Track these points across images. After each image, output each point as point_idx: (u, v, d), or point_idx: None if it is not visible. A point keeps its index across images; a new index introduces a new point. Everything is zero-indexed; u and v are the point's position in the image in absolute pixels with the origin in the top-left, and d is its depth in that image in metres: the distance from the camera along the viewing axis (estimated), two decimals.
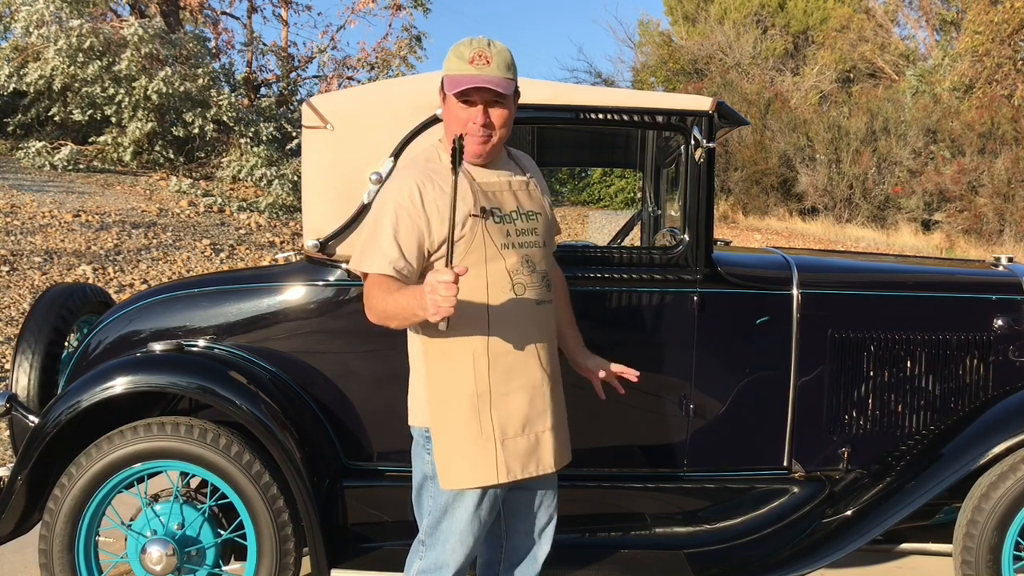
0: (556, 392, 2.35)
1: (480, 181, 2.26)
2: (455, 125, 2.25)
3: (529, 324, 2.27)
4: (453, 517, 2.29)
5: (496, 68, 2.20)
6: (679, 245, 2.98)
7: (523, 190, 2.34)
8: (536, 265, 2.29)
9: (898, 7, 28.45)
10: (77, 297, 3.46)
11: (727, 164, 22.43)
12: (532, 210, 2.33)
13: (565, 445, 2.39)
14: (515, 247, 2.26)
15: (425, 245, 2.22)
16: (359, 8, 17.53)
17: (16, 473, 2.84)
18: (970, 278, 3.41)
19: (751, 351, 3.06)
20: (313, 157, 2.98)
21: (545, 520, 2.46)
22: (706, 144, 2.91)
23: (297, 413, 2.91)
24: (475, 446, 2.22)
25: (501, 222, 2.25)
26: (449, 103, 2.25)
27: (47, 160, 13.41)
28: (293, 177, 13.80)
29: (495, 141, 2.27)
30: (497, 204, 2.26)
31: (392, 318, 2.17)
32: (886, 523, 2.83)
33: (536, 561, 2.48)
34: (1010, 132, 19.82)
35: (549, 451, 2.29)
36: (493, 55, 2.20)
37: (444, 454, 2.25)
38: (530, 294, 2.27)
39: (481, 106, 2.21)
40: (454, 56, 2.23)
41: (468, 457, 2.23)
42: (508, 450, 2.23)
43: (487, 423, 2.22)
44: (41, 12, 13.55)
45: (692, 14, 31.45)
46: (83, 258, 9.12)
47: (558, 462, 2.33)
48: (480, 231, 2.21)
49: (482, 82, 2.18)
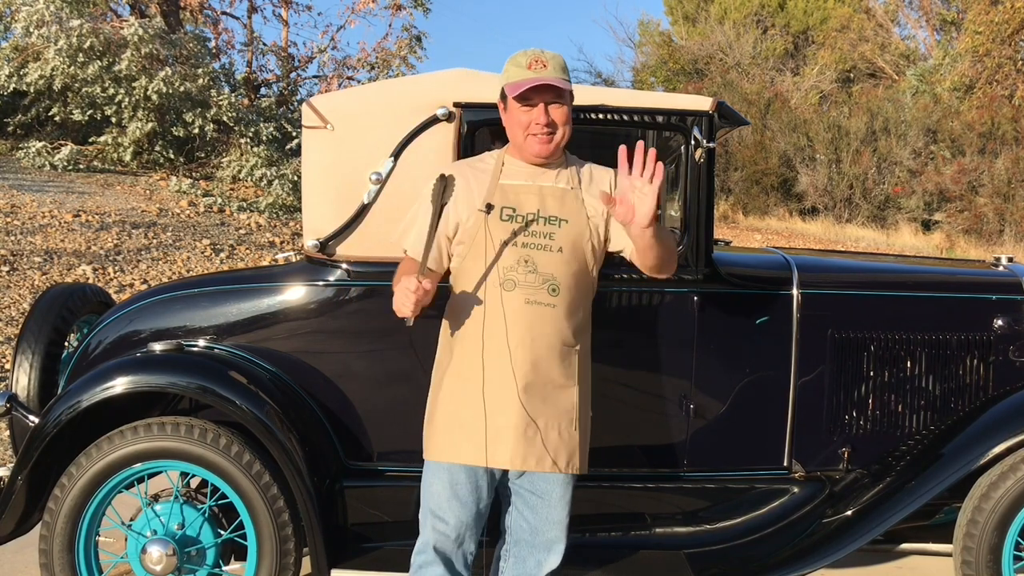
0: (541, 394, 2.34)
1: (505, 182, 2.40)
2: (518, 129, 2.38)
3: (514, 320, 2.33)
4: (429, 491, 2.44)
5: (553, 70, 2.34)
6: (679, 245, 2.98)
7: (556, 196, 2.41)
8: (539, 267, 2.34)
9: (898, 7, 28.45)
10: (77, 297, 3.46)
11: (727, 164, 22.43)
12: (557, 216, 2.39)
13: (551, 451, 2.33)
14: (516, 245, 2.35)
15: (441, 231, 2.40)
16: (359, 8, 17.52)
17: (16, 473, 2.84)
18: (970, 278, 3.42)
19: (751, 351, 3.06)
20: (313, 157, 2.98)
21: (552, 537, 2.44)
22: (706, 144, 2.91)
23: (297, 413, 2.91)
24: (441, 421, 2.41)
25: (509, 220, 2.36)
26: (511, 110, 2.39)
27: (47, 160, 13.41)
28: (293, 177, 13.79)
29: (558, 139, 2.39)
30: (513, 204, 2.38)
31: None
32: (886, 523, 2.83)
33: (541, 569, 2.47)
34: (1010, 132, 19.82)
35: (507, 446, 2.31)
36: (548, 59, 2.36)
37: (426, 426, 2.47)
38: (521, 292, 2.33)
39: (542, 106, 2.34)
40: (512, 65, 2.38)
41: (435, 430, 2.42)
42: (465, 433, 2.34)
43: (450, 403, 2.39)
44: (41, 12, 13.54)
45: (692, 14, 31.45)
46: (83, 258, 9.13)
47: (517, 462, 2.32)
48: (483, 225, 2.35)
49: (542, 80, 2.31)
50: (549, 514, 2.43)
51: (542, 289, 2.34)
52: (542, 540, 2.45)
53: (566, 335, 2.38)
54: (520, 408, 2.31)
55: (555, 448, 2.35)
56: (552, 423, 2.35)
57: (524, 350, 2.33)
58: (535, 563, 2.48)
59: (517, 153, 2.45)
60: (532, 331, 2.34)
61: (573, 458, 2.38)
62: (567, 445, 2.37)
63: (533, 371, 2.34)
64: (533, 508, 2.43)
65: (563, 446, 2.36)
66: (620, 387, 2.98)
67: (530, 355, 2.34)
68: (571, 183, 2.45)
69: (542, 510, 2.42)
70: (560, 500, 2.43)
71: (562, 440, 2.36)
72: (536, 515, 2.43)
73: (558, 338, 2.37)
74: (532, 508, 2.43)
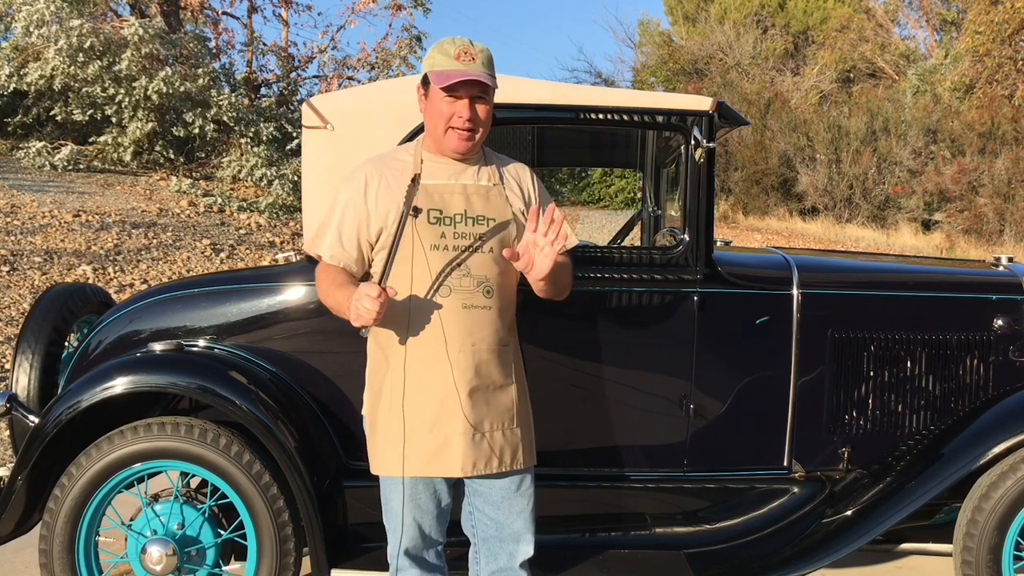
0: (484, 397, 2.32)
1: (428, 182, 2.33)
2: (439, 120, 2.30)
3: (452, 326, 2.28)
4: (389, 503, 2.41)
5: (481, 65, 2.28)
6: (679, 245, 2.98)
7: (480, 195, 2.36)
8: (472, 270, 2.31)
9: (898, 7, 28.46)
10: (77, 297, 3.45)
11: (727, 164, 22.45)
12: (483, 215, 2.34)
13: (500, 452, 2.34)
14: (447, 249, 2.30)
15: (364, 237, 2.34)
16: (359, 8, 17.55)
17: (16, 473, 2.84)
18: (970, 278, 3.41)
19: (751, 351, 3.05)
20: (313, 157, 2.98)
21: (518, 528, 2.43)
22: (706, 144, 2.91)
23: (297, 413, 2.91)
24: (387, 436, 2.34)
25: (437, 223, 2.30)
26: (433, 99, 2.30)
27: (47, 160, 13.41)
28: (293, 177, 13.81)
29: (479, 137, 2.34)
30: (439, 205, 2.32)
31: (329, 307, 2.37)
32: (886, 523, 2.83)
33: (514, 561, 2.46)
34: (1010, 132, 19.83)
35: (458, 455, 2.29)
36: (477, 53, 2.29)
37: (369, 440, 2.41)
38: (457, 297, 2.29)
39: (467, 100, 2.27)
40: (438, 53, 2.29)
41: (383, 446, 2.35)
42: (412, 446, 2.30)
43: (396, 417, 2.31)
44: (41, 12, 13.55)
45: (692, 14, 31.48)
46: (83, 258, 9.13)
47: (468, 467, 2.30)
48: (410, 229, 2.29)
49: (471, 75, 2.24)
50: (512, 505, 2.41)
51: (477, 292, 2.31)
52: (508, 533, 2.44)
53: (502, 334, 2.36)
54: (465, 415, 2.29)
55: (501, 448, 2.35)
56: (496, 424, 2.34)
57: (465, 355, 2.29)
58: (507, 555, 2.46)
59: (435, 147, 2.37)
60: (472, 336, 2.30)
61: (518, 454, 2.37)
62: (510, 443, 2.36)
63: (476, 376, 2.30)
64: (494, 504, 2.42)
65: (507, 445, 2.36)
66: (620, 387, 2.98)
67: (472, 360, 2.30)
68: (492, 179, 2.40)
69: (503, 504, 2.42)
70: (520, 492, 2.42)
71: (506, 439, 2.36)
72: (498, 510, 2.42)
73: (495, 339, 2.34)
74: (493, 504, 2.42)
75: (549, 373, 2.88)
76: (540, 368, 2.81)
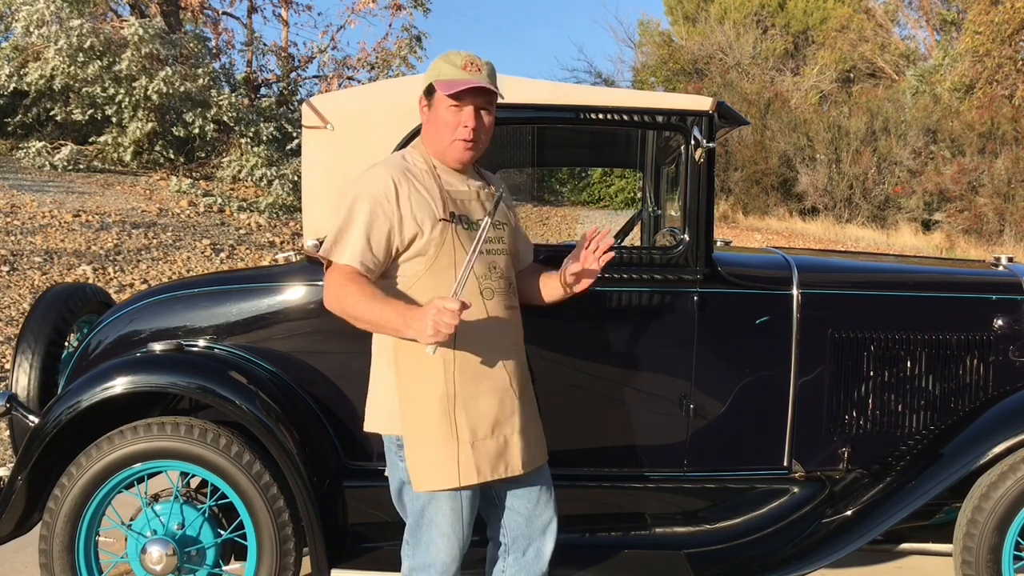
0: (525, 395, 2.40)
1: (450, 189, 2.34)
2: (444, 129, 2.32)
3: (498, 328, 2.33)
4: (434, 519, 2.32)
5: (487, 76, 2.30)
6: (679, 245, 2.98)
7: (491, 201, 2.40)
8: (503, 271, 2.37)
9: (898, 7, 28.47)
10: (77, 297, 3.45)
11: (727, 164, 22.46)
12: (500, 220, 2.39)
13: (536, 446, 2.42)
14: (485, 252, 2.32)
15: (395, 243, 2.26)
16: (359, 8, 17.55)
17: (16, 473, 2.84)
18: (970, 278, 3.41)
19: (751, 351, 3.06)
20: (313, 157, 2.98)
21: (547, 519, 2.48)
22: (706, 144, 2.91)
23: (297, 413, 2.91)
24: (445, 448, 2.25)
25: (469, 228, 2.31)
26: (438, 108, 2.31)
27: (47, 160, 13.41)
28: (293, 177, 13.81)
29: (481, 148, 2.37)
30: (465, 212, 2.33)
31: (362, 321, 2.21)
32: (886, 523, 2.83)
33: (541, 557, 2.49)
34: (1010, 132, 19.84)
35: (518, 453, 2.33)
36: (483, 65, 2.32)
37: (416, 457, 2.28)
38: (499, 299, 2.34)
39: (472, 109, 2.29)
40: (445, 63, 2.31)
41: (439, 459, 2.26)
42: (478, 451, 2.27)
43: (456, 425, 2.26)
44: (41, 12, 13.55)
45: (692, 14, 31.49)
46: (83, 258, 9.13)
47: (527, 464, 2.36)
48: (451, 235, 2.27)
49: (479, 83, 2.27)
50: (541, 496, 2.46)
51: (510, 293, 2.39)
52: (538, 525, 2.47)
53: (522, 332, 2.45)
54: (520, 412, 2.35)
55: (538, 441, 2.44)
56: (532, 419, 2.42)
57: (515, 354, 2.37)
58: (534, 553, 2.48)
59: (439, 157, 2.36)
60: (515, 335, 2.40)
61: (543, 446, 2.46)
62: (541, 437, 2.46)
63: (520, 374, 2.38)
64: (529, 498, 2.45)
65: (540, 438, 2.46)
66: (620, 387, 2.98)
67: (519, 358, 2.39)
68: (488, 187, 2.45)
69: (538, 496, 2.46)
70: (548, 481, 2.49)
71: (538, 433, 2.45)
72: (533, 503, 2.45)
73: (522, 337, 2.44)
74: (527, 498, 2.45)
75: (549, 373, 2.88)
76: (540, 368, 2.81)
